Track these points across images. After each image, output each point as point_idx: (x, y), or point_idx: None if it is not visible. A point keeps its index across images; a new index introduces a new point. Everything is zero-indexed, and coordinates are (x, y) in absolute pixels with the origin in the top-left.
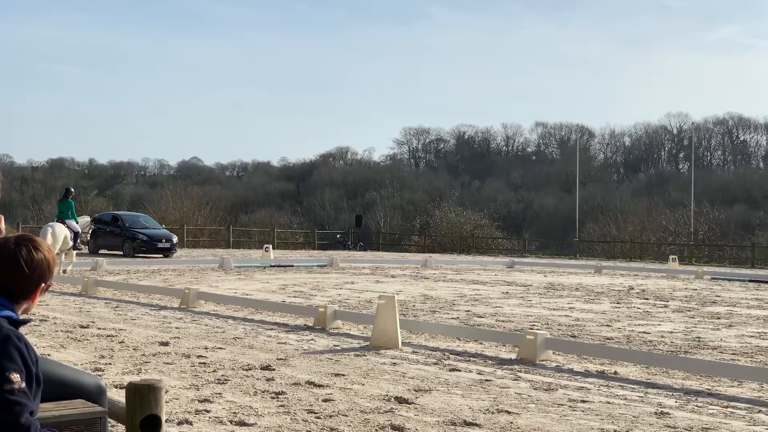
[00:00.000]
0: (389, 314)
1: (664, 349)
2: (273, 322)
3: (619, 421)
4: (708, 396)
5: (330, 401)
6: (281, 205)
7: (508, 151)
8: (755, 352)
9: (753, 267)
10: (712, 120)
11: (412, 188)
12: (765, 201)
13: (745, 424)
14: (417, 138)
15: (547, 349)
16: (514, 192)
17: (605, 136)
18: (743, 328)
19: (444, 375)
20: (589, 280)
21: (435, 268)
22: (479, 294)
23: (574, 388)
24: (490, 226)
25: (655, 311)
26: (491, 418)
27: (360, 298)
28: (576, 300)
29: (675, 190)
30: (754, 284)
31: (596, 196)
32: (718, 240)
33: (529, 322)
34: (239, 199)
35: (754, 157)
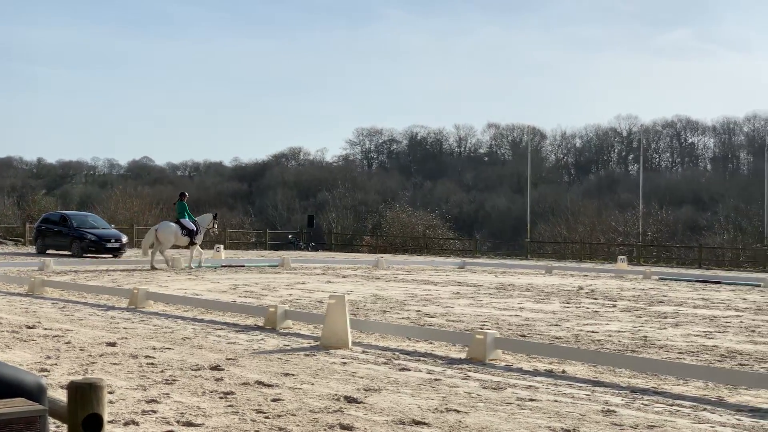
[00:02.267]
0: (339, 314)
1: (611, 348)
2: (223, 322)
3: (566, 419)
4: (654, 394)
5: (279, 401)
6: (233, 206)
7: (460, 152)
8: (701, 351)
9: (700, 267)
10: (660, 122)
11: (364, 189)
12: (712, 202)
13: (690, 422)
14: (369, 139)
15: (496, 348)
16: (466, 193)
17: (556, 137)
18: (689, 327)
19: (394, 374)
20: (540, 281)
21: (386, 269)
22: (430, 294)
23: (523, 387)
24: (442, 226)
25: (603, 311)
26: (440, 417)
27: (311, 298)
28: (526, 300)
29: (624, 191)
30: (700, 284)
31: (547, 198)
32: (666, 241)
33: (479, 321)
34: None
35: (701, 159)
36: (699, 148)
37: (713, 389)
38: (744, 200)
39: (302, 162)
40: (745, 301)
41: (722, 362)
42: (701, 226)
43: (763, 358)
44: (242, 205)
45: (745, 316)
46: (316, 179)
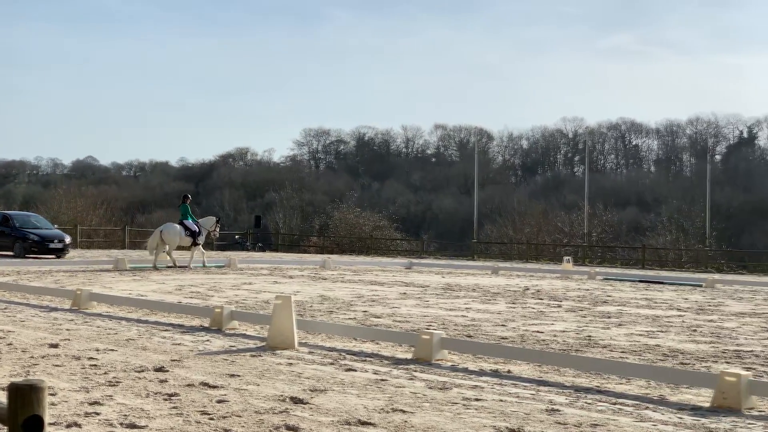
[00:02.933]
0: (286, 315)
1: (556, 347)
2: (168, 323)
3: (511, 418)
4: (597, 393)
5: (224, 402)
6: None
7: (407, 153)
8: (643, 350)
9: (643, 268)
10: (605, 125)
11: (311, 189)
12: (656, 204)
13: (632, 420)
14: (317, 139)
15: (442, 348)
16: (413, 193)
17: (503, 138)
18: (632, 327)
19: (340, 375)
20: (486, 281)
21: (333, 269)
22: (377, 295)
23: (469, 386)
24: (389, 227)
25: (548, 311)
26: (386, 417)
27: (257, 298)
28: (472, 300)
29: (570, 192)
30: (643, 284)
31: (494, 198)
32: (611, 241)
33: (425, 322)
34: (136, 199)
35: (645, 161)
36: (643, 150)
37: (655, 388)
38: (686, 202)
39: (249, 162)
40: (687, 301)
41: (664, 361)
42: (645, 227)
43: (704, 358)
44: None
45: (687, 315)
46: (263, 180)
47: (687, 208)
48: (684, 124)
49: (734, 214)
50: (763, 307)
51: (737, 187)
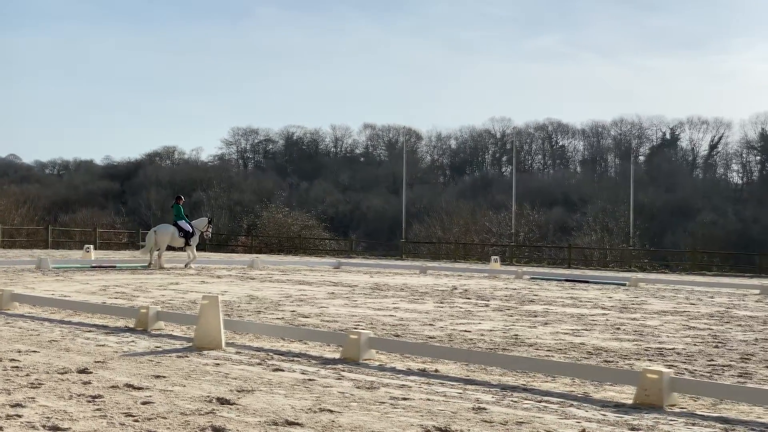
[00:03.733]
0: (213, 315)
1: (483, 346)
2: (92, 324)
3: (438, 417)
4: (524, 391)
5: (149, 404)
6: (104, 205)
7: (336, 152)
8: (568, 349)
9: (569, 267)
10: (533, 125)
11: (240, 189)
12: (581, 204)
13: (557, 417)
14: (245, 138)
15: (370, 348)
16: (342, 193)
17: (432, 138)
18: (558, 325)
19: (267, 375)
20: (414, 281)
21: (261, 269)
22: (305, 294)
23: (396, 386)
24: (318, 226)
25: (476, 310)
26: (313, 417)
27: (184, 298)
28: (401, 300)
29: (498, 192)
30: (569, 283)
31: (423, 198)
32: (538, 241)
33: (353, 322)
34: (59, 198)
35: (572, 161)
36: (569, 150)
37: (580, 385)
38: (611, 202)
39: (177, 161)
40: (612, 300)
41: (589, 359)
42: (571, 227)
43: (627, 355)
44: (114, 205)
45: (611, 314)
46: (190, 179)
47: (612, 208)
48: (609, 125)
49: (657, 214)
50: (684, 305)
51: (660, 187)
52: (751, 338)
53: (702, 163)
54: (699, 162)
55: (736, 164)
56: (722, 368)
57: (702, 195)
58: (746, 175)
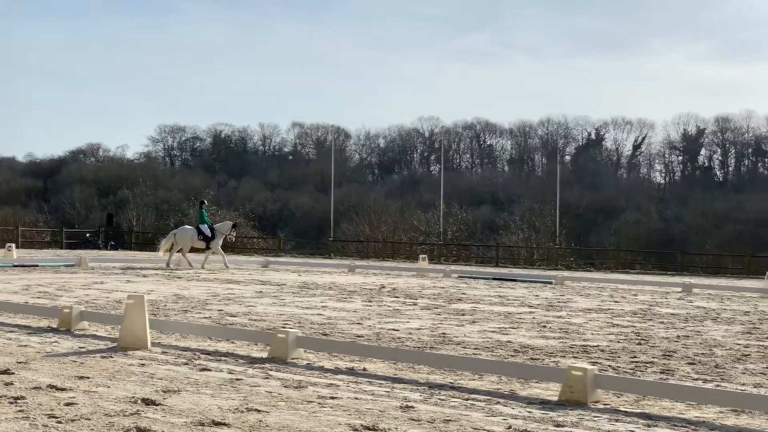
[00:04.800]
0: (138, 314)
1: (411, 345)
2: (14, 324)
3: (366, 416)
4: (451, 389)
5: (73, 405)
6: (27, 203)
7: (264, 150)
8: (495, 347)
9: (497, 265)
10: (461, 124)
11: (166, 187)
12: (509, 203)
13: (483, 415)
14: (172, 136)
15: (298, 347)
16: (270, 192)
17: (360, 137)
18: (485, 323)
19: (194, 375)
20: (343, 279)
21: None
22: (233, 293)
23: (324, 385)
24: (246, 225)
25: (404, 309)
26: (240, 417)
27: (109, 298)
28: (329, 299)
29: (426, 191)
30: (497, 282)
31: (351, 197)
32: (466, 240)
33: (281, 320)
34: None
35: (499, 160)
36: (497, 149)
37: (506, 383)
38: (538, 201)
39: (101, 159)
40: (538, 298)
41: (515, 357)
42: (498, 226)
43: (553, 353)
44: (37, 203)
45: (538, 312)
46: (116, 176)
47: (538, 207)
48: (536, 125)
49: (583, 213)
50: (608, 303)
51: (585, 186)
52: (673, 335)
53: (626, 163)
54: (623, 162)
55: (659, 164)
56: (645, 365)
57: (626, 194)
58: (669, 175)
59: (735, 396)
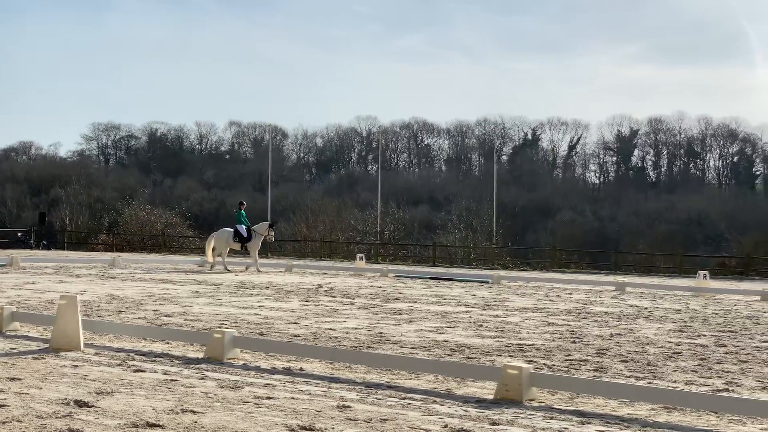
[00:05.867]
0: (71, 315)
1: (348, 344)
2: None
3: (302, 416)
4: (388, 388)
5: (4, 407)
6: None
7: (201, 149)
8: (432, 346)
9: (434, 265)
10: (398, 124)
11: (101, 185)
12: (446, 202)
13: (420, 414)
14: (107, 134)
15: (234, 347)
16: (207, 191)
17: (298, 136)
18: (422, 323)
19: (128, 376)
20: (280, 279)
21: (123, 268)
22: (168, 293)
23: (261, 385)
24: (182, 224)
25: (341, 308)
26: (175, 419)
27: (41, 298)
28: (266, 298)
29: (364, 190)
30: (434, 281)
31: (289, 196)
32: (403, 239)
33: (218, 320)
34: None
35: (436, 160)
36: (434, 149)
37: (443, 382)
38: (475, 200)
39: (34, 157)
40: (475, 297)
41: (452, 356)
42: (436, 225)
43: (489, 352)
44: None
45: (474, 311)
46: (48, 175)
47: (476, 207)
48: (473, 125)
49: (519, 213)
50: (544, 302)
51: (522, 186)
52: (607, 333)
53: (561, 163)
54: (559, 162)
55: (593, 164)
56: (579, 363)
57: (562, 194)
58: (603, 175)
59: (666, 393)
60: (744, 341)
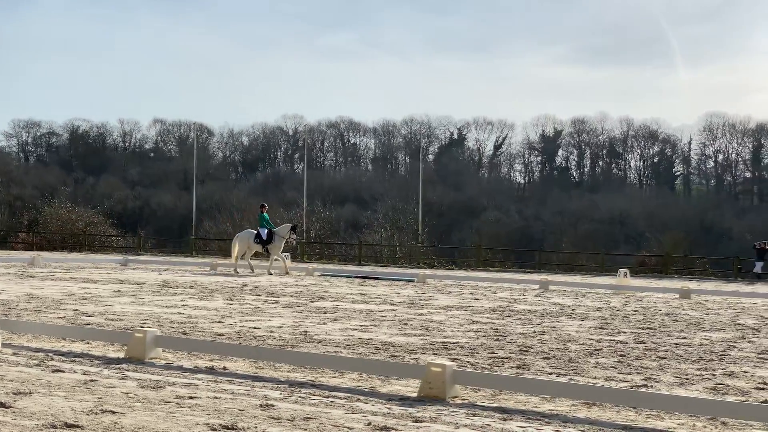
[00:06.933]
0: None
1: (273, 343)
2: None
3: (225, 415)
4: (312, 387)
5: None
6: None
7: (125, 147)
8: (357, 344)
9: (360, 264)
10: (325, 123)
11: (20, 183)
12: (372, 201)
13: (344, 412)
14: (27, 131)
15: (156, 347)
16: (130, 189)
17: (224, 135)
18: (347, 321)
19: (46, 376)
20: (204, 278)
21: (43, 267)
22: (89, 293)
23: (183, 384)
24: (105, 223)
25: (266, 307)
26: (94, 419)
27: None
28: (190, 297)
29: (290, 189)
30: (359, 280)
31: (214, 195)
32: (329, 238)
33: (140, 320)
34: None
35: (363, 159)
36: (360, 148)
37: (367, 380)
38: (401, 200)
39: None
40: (400, 296)
41: (376, 354)
42: (362, 224)
43: (414, 350)
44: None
45: (399, 310)
46: None
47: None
48: (399, 124)
49: (445, 212)
50: (469, 300)
51: (448, 186)
52: (530, 331)
53: (487, 162)
54: (484, 162)
55: (518, 164)
56: (502, 360)
57: (487, 194)
58: (528, 175)
59: (587, 389)
60: (663, 338)
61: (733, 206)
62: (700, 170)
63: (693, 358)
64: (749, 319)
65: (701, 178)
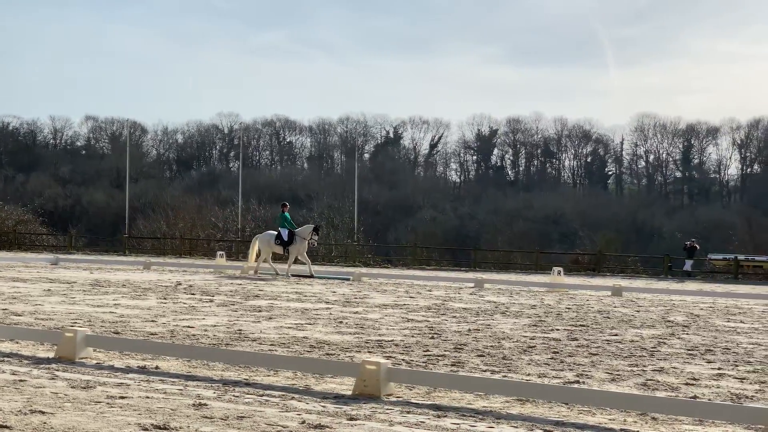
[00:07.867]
0: None
1: (207, 342)
2: None
3: (157, 415)
4: (246, 386)
5: None
6: None
7: (56, 144)
8: (292, 343)
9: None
10: (260, 121)
11: None
12: (308, 200)
13: (278, 410)
14: None
15: (87, 346)
16: (62, 187)
17: (158, 132)
18: (282, 320)
19: None
20: (137, 277)
21: None
22: (19, 292)
23: (114, 384)
24: (35, 221)
25: (200, 306)
26: (23, 420)
27: None
28: (122, 296)
29: (225, 188)
30: (294, 278)
31: (148, 193)
32: None
33: (71, 319)
34: None
35: (299, 157)
36: (296, 147)
37: (302, 378)
38: (337, 198)
39: None
40: (335, 294)
41: (311, 353)
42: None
43: (349, 348)
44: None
45: (335, 308)
46: None
47: (337, 205)
48: (335, 122)
49: (381, 211)
50: (404, 298)
51: (384, 184)
52: (465, 329)
53: (423, 161)
54: (420, 160)
55: (454, 163)
56: (437, 358)
57: (423, 192)
58: (464, 174)
59: (520, 386)
60: (595, 335)
61: (663, 205)
62: (631, 170)
63: (624, 354)
64: (679, 317)
65: (633, 177)
